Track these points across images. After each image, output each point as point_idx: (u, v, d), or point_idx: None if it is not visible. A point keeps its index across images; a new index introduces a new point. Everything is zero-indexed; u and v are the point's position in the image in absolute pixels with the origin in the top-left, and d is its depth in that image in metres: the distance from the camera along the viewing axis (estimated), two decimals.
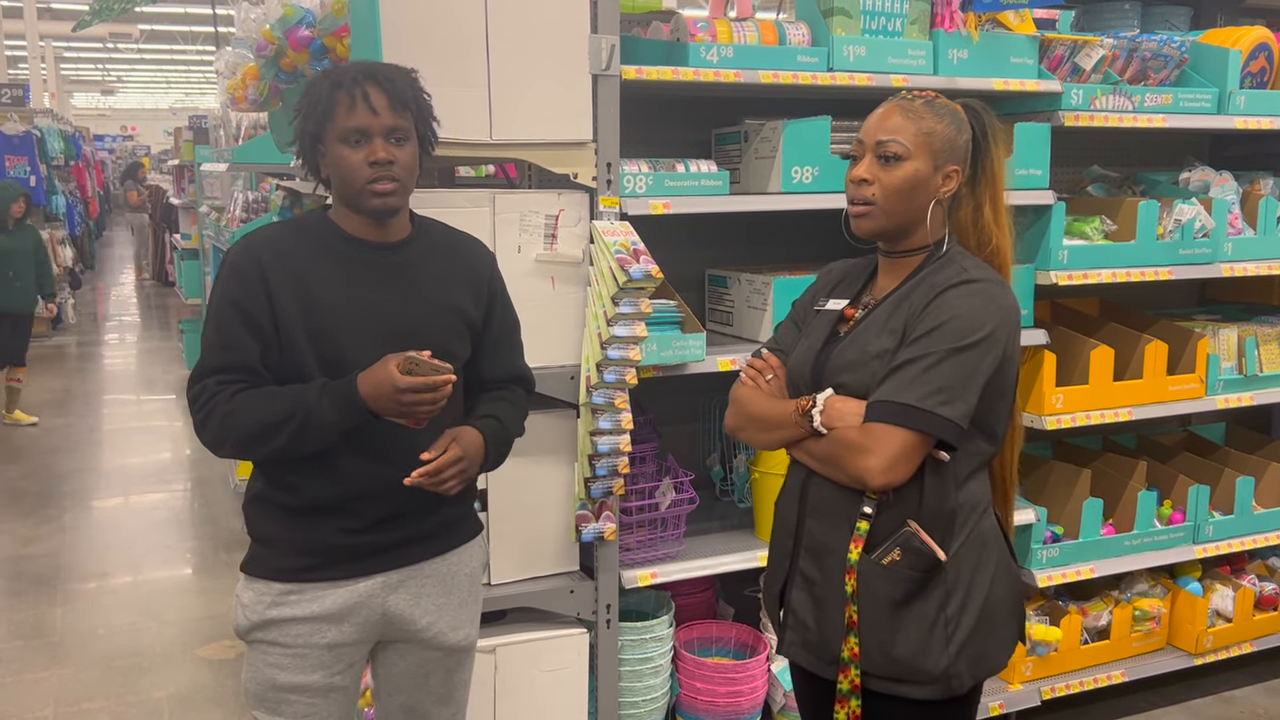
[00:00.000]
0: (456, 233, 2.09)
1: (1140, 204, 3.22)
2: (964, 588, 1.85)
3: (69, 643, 4.08)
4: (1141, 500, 3.37)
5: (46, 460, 6.60)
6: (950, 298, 1.79)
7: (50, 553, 5.05)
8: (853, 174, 1.87)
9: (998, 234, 1.92)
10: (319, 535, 1.93)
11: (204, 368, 1.89)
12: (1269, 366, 3.56)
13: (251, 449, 1.88)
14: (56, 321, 11.16)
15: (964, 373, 1.76)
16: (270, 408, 1.84)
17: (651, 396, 2.95)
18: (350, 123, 1.84)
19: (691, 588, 3.19)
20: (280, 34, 2.69)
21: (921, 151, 1.83)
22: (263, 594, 1.94)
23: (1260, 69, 3.46)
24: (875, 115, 1.88)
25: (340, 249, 1.93)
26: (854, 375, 1.84)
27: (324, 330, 1.88)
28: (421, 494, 1.93)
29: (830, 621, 1.88)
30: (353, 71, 1.87)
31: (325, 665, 1.96)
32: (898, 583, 1.81)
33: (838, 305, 1.99)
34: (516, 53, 2.42)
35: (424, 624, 2.03)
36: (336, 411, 1.83)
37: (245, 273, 1.88)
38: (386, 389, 1.79)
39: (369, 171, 1.85)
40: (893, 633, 1.82)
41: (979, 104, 1.92)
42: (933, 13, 2.95)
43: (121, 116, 34.69)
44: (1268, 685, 3.69)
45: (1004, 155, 1.93)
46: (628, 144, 2.61)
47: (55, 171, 11.88)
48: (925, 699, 1.85)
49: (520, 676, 2.64)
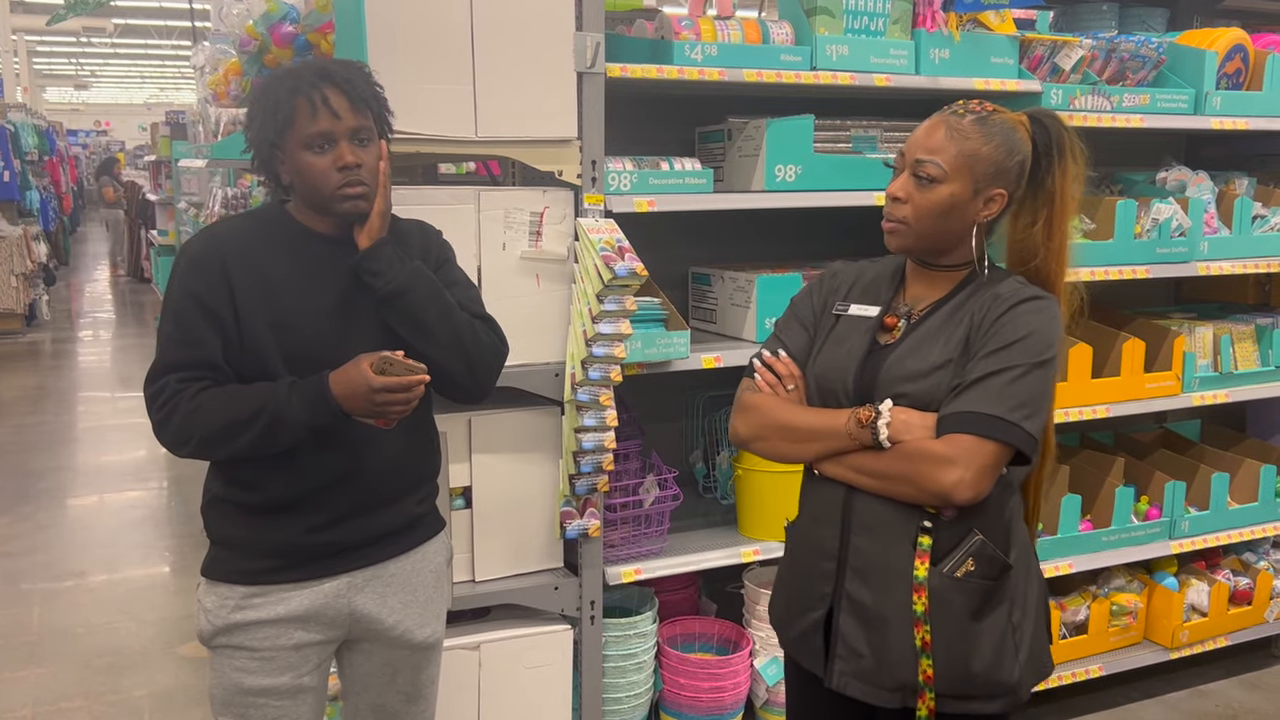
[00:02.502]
0: (400, 220, 2.04)
1: (1118, 203, 3.26)
2: (1022, 595, 1.80)
3: (47, 642, 4.05)
4: (1119, 496, 3.40)
5: (21, 458, 6.54)
6: (1023, 312, 1.72)
7: (26, 551, 5.00)
8: (889, 189, 1.80)
9: (1045, 253, 1.81)
10: (282, 535, 1.89)
11: (162, 364, 1.83)
12: (1244, 364, 3.61)
13: (216, 448, 1.83)
14: (30, 318, 11.05)
15: (1042, 388, 1.71)
16: (236, 406, 1.80)
17: (636, 394, 2.96)
18: (313, 128, 1.79)
19: (675, 584, 3.20)
20: (264, 30, 2.69)
21: (961, 175, 1.74)
22: (226, 598, 1.90)
23: (1236, 70, 3.50)
24: (921, 129, 1.78)
25: (301, 243, 1.89)
26: (915, 386, 1.75)
27: (288, 324, 1.84)
28: (387, 487, 1.93)
29: (892, 646, 1.76)
30: (308, 74, 1.81)
31: (293, 667, 1.93)
32: (972, 594, 1.74)
33: (868, 311, 1.88)
34: (502, 50, 2.42)
35: (391, 622, 2.00)
36: (307, 410, 1.79)
37: (206, 265, 1.83)
38: (361, 389, 1.76)
39: (338, 177, 1.81)
40: (970, 648, 1.74)
41: (1049, 115, 1.82)
42: (915, 12, 2.97)
43: (95, 111, 34.34)
44: (1242, 679, 3.73)
45: (1073, 171, 1.81)
46: (612, 142, 2.62)
47: (29, 167, 11.76)
48: (996, 713, 1.78)
49: (504, 673, 2.65)
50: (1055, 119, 1.82)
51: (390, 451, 1.94)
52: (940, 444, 1.69)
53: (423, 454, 2.05)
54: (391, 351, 1.79)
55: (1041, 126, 1.80)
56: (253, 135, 1.86)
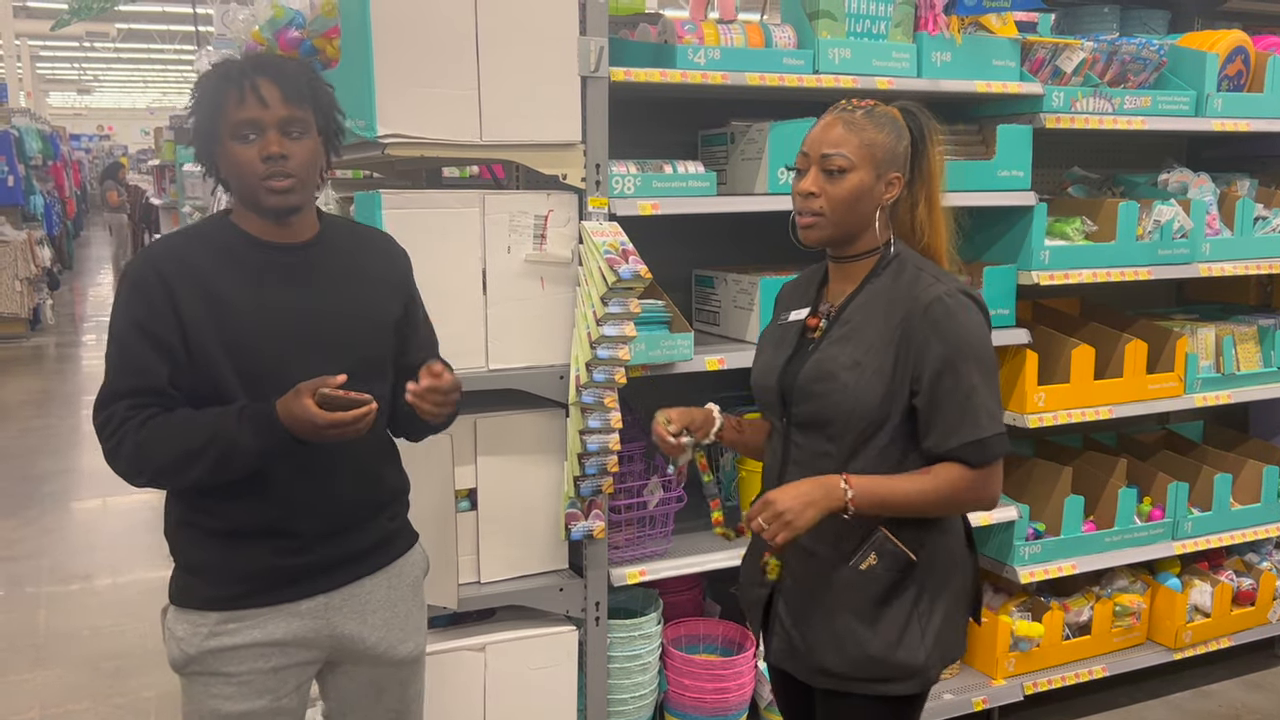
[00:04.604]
0: (364, 228, 2.02)
1: (1120, 205, 3.27)
2: (935, 585, 1.94)
3: (54, 645, 4.06)
4: (1122, 497, 3.41)
5: (26, 462, 6.56)
6: (948, 317, 1.84)
7: (32, 555, 5.02)
8: (799, 187, 1.92)
9: (930, 231, 1.97)
10: (252, 560, 1.84)
11: (110, 392, 1.78)
12: (1245, 365, 3.62)
13: (170, 479, 1.80)
14: (34, 322, 11.08)
15: (994, 386, 1.89)
16: (187, 435, 1.74)
17: (640, 396, 2.97)
18: (240, 115, 1.73)
19: (679, 585, 3.22)
20: (270, 35, 2.70)
21: (865, 162, 1.87)
22: (199, 625, 1.84)
23: (1237, 72, 3.51)
24: (817, 128, 1.92)
25: (246, 253, 1.81)
26: (826, 385, 1.89)
27: (240, 342, 1.77)
28: (363, 506, 1.92)
29: (812, 628, 1.96)
30: (242, 64, 1.78)
31: (271, 690, 1.88)
32: (872, 585, 1.91)
33: (799, 315, 2.05)
34: (507, 55, 2.43)
35: (374, 640, 1.97)
36: (257, 437, 1.73)
37: (148, 289, 1.75)
38: (307, 426, 1.69)
39: (262, 167, 1.74)
40: (870, 634, 1.91)
41: (916, 106, 1.97)
42: (916, 16, 2.98)
43: (98, 116, 34.43)
44: (1245, 679, 3.74)
45: (940, 155, 1.98)
46: (616, 145, 2.63)
47: (33, 171, 11.79)
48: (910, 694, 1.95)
49: (510, 674, 2.66)
50: (920, 109, 1.97)
51: (354, 473, 1.90)
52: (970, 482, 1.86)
53: (389, 471, 2.02)
54: (330, 387, 1.69)
55: (913, 116, 1.95)
56: (193, 125, 1.80)
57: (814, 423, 1.92)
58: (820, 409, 1.90)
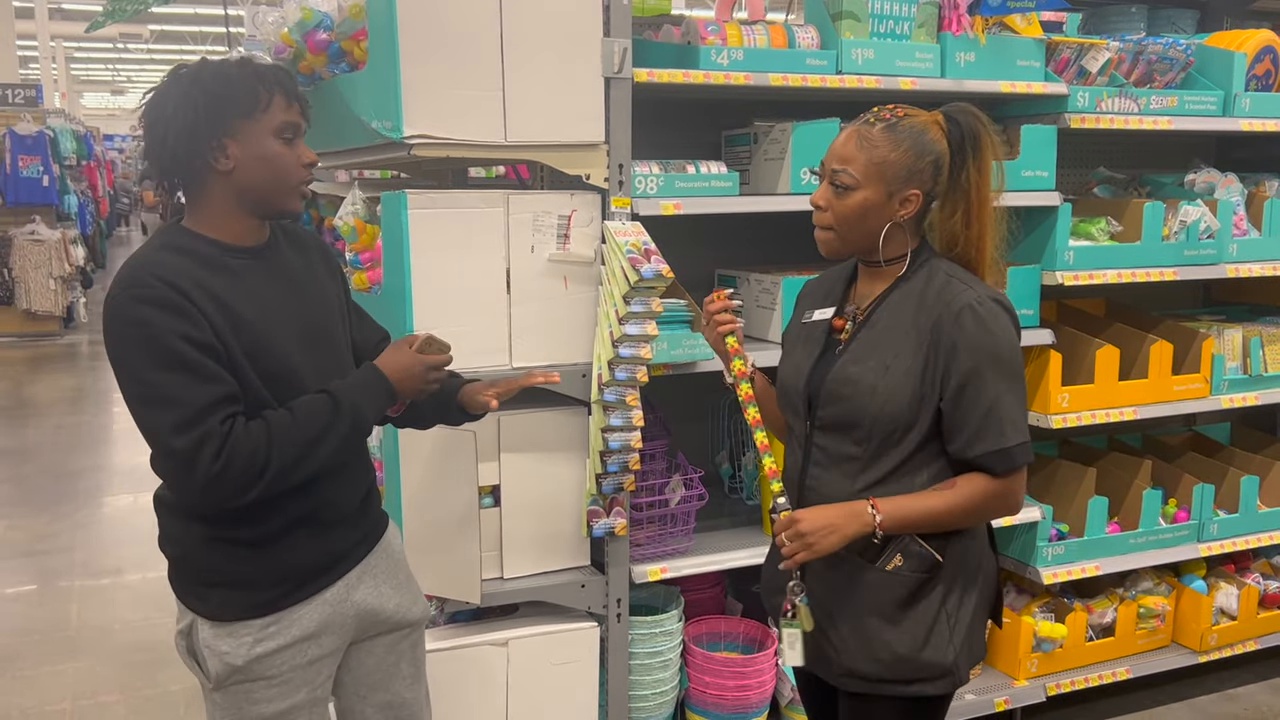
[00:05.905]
0: (290, 225, 2.03)
1: (1146, 205, 3.25)
2: (962, 585, 1.93)
3: (85, 637, 4.13)
4: (1146, 499, 3.40)
5: (60, 458, 6.66)
6: (977, 324, 1.82)
7: (65, 549, 5.10)
8: (812, 198, 1.92)
9: (964, 241, 1.91)
10: (287, 557, 1.88)
11: (193, 412, 1.67)
12: (1274, 367, 3.59)
13: (289, 475, 1.77)
14: (68, 321, 11.23)
15: (1021, 395, 1.87)
16: (304, 424, 1.77)
17: (662, 394, 2.99)
18: (287, 117, 1.79)
19: (701, 583, 3.23)
20: (298, 37, 2.74)
21: (872, 181, 1.84)
22: (242, 636, 1.86)
23: (1266, 71, 3.49)
24: (838, 139, 1.90)
25: (226, 260, 1.81)
26: (854, 389, 1.88)
27: (258, 345, 1.79)
28: (366, 483, 2.03)
29: (839, 632, 1.94)
30: (272, 69, 1.81)
31: (308, 682, 1.94)
32: (899, 586, 1.90)
33: (824, 314, 2.02)
34: (531, 56, 2.46)
35: (391, 607, 2.06)
36: (372, 404, 1.86)
37: (176, 304, 1.70)
38: (418, 369, 1.88)
39: (303, 173, 1.83)
40: (897, 635, 1.90)
41: (964, 112, 1.89)
42: (940, 16, 2.98)
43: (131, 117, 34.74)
44: (1272, 683, 3.71)
45: (987, 164, 1.88)
46: (639, 145, 2.65)
47: (67, 171, 11.94)
48: (938, 694, 1.93)
49: (532, 669, 2.68)
50: (970, 114, 1.89)
51: (357, 452, 2.02)
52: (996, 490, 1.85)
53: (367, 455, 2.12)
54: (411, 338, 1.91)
55: (955, 123, 1.88)
56: (190, 119, 1.73)
57: (840, 425, 1.91)
58: (847, 412, 1.89)
